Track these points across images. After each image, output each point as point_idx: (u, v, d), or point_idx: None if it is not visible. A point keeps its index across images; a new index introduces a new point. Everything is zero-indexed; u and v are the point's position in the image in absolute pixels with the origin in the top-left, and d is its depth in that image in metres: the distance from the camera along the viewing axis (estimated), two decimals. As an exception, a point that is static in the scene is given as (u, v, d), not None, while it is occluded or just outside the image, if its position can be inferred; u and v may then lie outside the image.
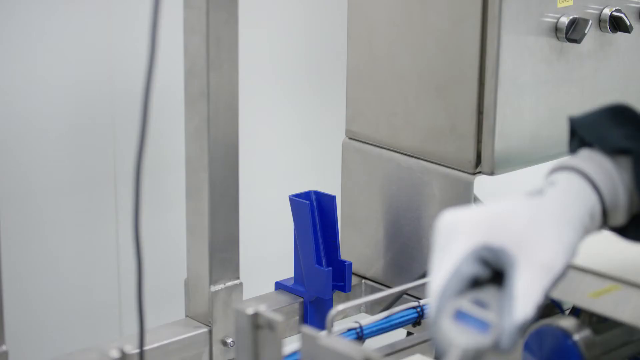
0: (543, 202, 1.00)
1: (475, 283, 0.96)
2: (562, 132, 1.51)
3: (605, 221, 1.05)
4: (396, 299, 1.46)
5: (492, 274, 0.97)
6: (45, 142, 1.73)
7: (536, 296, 0.94)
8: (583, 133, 1.07)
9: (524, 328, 0.93)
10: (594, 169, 1.04)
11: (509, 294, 0.94)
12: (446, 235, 0.98)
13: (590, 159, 1.04)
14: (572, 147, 1.09)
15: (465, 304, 0.94)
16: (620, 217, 1.05)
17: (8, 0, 1.65)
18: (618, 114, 1.08)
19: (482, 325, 0.93)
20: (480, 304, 0.94)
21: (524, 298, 0.94)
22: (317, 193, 1.50)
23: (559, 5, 1.45)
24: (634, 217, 1.06)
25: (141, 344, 1.04)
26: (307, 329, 0.94)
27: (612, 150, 1.04)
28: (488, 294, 0.95)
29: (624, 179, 1.04)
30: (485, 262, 0.96)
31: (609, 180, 1.04)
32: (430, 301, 0.94)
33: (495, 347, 0.93)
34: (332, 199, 1.49)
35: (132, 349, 0.95)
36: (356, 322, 1.31)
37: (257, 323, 0.95)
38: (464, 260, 0.96)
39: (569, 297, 1.12)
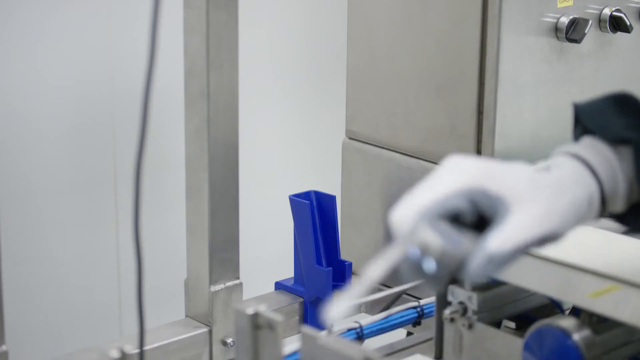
0: (545, 176, 1.01)
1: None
2: (562, 132, 1.51)
3: (604, 209, 1.05)
4: (395, 299, 1.46)
5: (472, 221, 0.98)
6: (45, 142, 1.73)
7: (517, 241, 0.96)
8: (586, 121, 1.08)
9: (494, 264, 0.94)
10: (595, 157, 1.04)
11: (491, 232, 0.96)
12: (446, 169, 1.00)
13: (591, 147, 1.05)
14: (576, 133, 1.09)
15: (444, 224, 0.95)
16: (619, 205, 1.06)
17: (8, 0, 1.65)
18: (622, 102, 1.08)
19: (457, 243, 0.95)
20: (458, 231, 0.96)
21: (505, 235, 0.96)
22: (317, 193, 1.50)
23: (559, 5, 1.45)
24: (633, 205, 1.06)
25: (141, 344, 1.04)
26: (307, 329, 0.94)
27: (614, 140, 1.05)
28: (465, 234, 0.96)
29: (624, 168, 1.05)
30: (473, 205, 0.98)
31: (609, 169, 1.04)
32: (406, 213, 0.95)
33: (464, 268, 0.95)
34: (332, 199, 1.49)
35: (132, 349, 0.95)
36: (356, 322, 1.31)
37: (257, 323, 0.95)
38: (456, 193, 0.97)
39: (569, 297, 1.12)
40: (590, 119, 1.07)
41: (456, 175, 1.00)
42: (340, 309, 0.94)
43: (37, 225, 1.75)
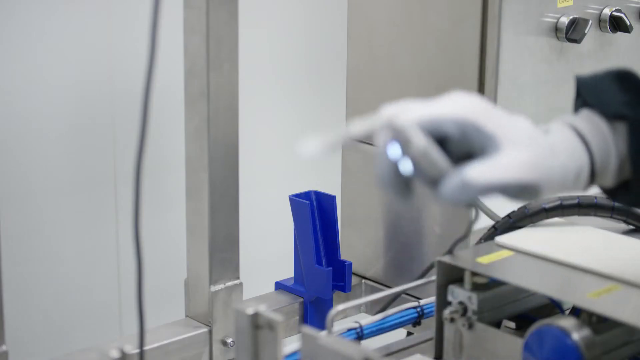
0: (542, 136, 1.03)
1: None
2: (562, 132, 1.51)
3: (592, 181, 1.06)
4: (393, 299, 1.46)
5: (456, 154, 1.00)
6: (45, 142, 1.73)
7: (496, 178, 0.98)
8: (585, 94, 1.08)
9: (466, 192, 0.97)
10: (590, 130, 1.05)
11: (474, 162, 0.98)
12: (450, 97, 1.01)
13: (588, 120, 1.05)
14: (576, 106, 1.10)
15: (430, 142, 0.96)
16: (609, 180, 1.06)
17: (8, 0, 1.65)
18: (623, 79, 1.08)
19: (439, 158, 0.97)
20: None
21: (487, 168, 0.97)
22: (317, 193, 1.50)
23: (559, 5, 1.45)
24: (624, 182, 1.07)
25: (141, 344, 1.04)
26: (307, 329, 0.94)
27: (610, 115, 1.05)
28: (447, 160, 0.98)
29: (618, 144, 1.05)
30: (464, 137, 0.99)
31: (603, 144, 1.05)
32: (400, 112, 0.99)
33: (436, 186, 0.97)
34: (332, 199, 1.49)
35: (132, 349, 0.95)
36: (356, 322, 1.31)
37: (257, 323, 0.95)
38: (453, 119, 0.99)
39: (569, 297, 1.12)
40: (590, 93, 1.07)
41: (458, 105, 1.00)
42: (311, 148, 0.97)
43: (37, 225, 1.75)
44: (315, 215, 1.49)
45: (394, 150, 0.97)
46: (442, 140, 1.00)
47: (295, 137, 2.11)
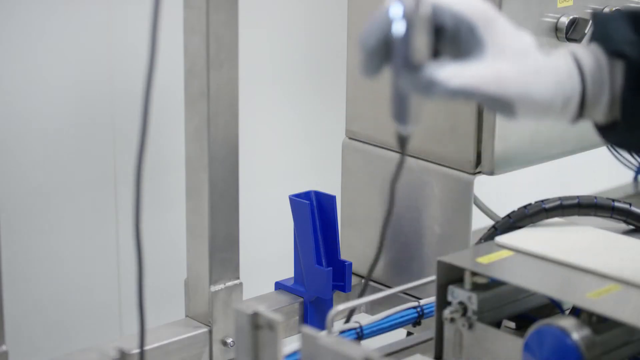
0: (538, 58, 1.02)
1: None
2: (562, 132, 1.51)
3: (582, 112, 1.05)
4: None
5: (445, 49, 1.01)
6: (45, 142, 1.73)
7: (466, 84, 0.98)
8: (596, 27, 1.07)
9: (434, 91, 0.97)
10: (589, 60, 1.04)
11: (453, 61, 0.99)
12: None
13: (590, 52, 1.05)
14: (590, 38, 1.09)
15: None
16: (599, 115, 1.06)
17: (8, 0, 1.65)
18: (635, 18, 1.07)
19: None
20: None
21: (460, 72, 0.98)
22: (317, 193, 1.50)
23: (559, 5, 1.45)
24: (613, 121, 1.06)
25: (141, 343, 1.04)
26: (307, 329, 0.94)
27: (611, 52, 1.05)
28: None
29: (614, 82, 1.04)
30: (456, 33, 0.99)
31: (598, 76, 1.04)
32: None
33: (412, 71, 0.98)
34: (332, 199, 1.49)
35: (132, 349, 0.95)
36: (356, 322, 1.31)
37: (257, 323, 0.95)
38: (451, 10, 0.99)
39: (569, 297, 1.12)
40: (599, 26, 1.07)
41: (468, 1, 1.00)
42: None
43: (37, 225, 1.75)
44: (315, 215, 1.49)
45: (396, 9, 0.97)
46: (438, 31, 0.99)
47: (295, 137, 2.11)
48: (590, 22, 1.13)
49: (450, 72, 0.98)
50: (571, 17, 1.45)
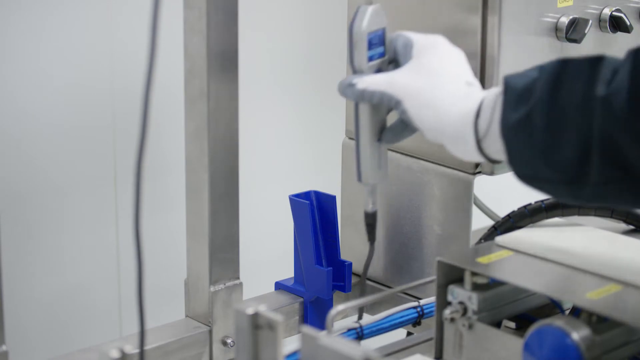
0: (461, 99, 1.18)
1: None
2: (562, 132, 1.51)
3: (480, 146, 1.17)
4: None
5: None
6: (46, 142, 1.73)
7: (368, 86, 1.22)
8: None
9: (348, 90, 1.24)
10: (491, 93, 1.17)
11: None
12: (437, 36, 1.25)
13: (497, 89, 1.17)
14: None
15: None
16: (494, 148, 1.16)
17: (8, 0, 1.65)
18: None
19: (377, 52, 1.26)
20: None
21: (372, 78, 1.22)
22: (317, 193, 1.50)
23: (559, 5, 1.45)
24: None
25: (141, 343, 1.04)
26: (307, 329, 0.94)
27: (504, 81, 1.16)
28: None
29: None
30: (394, 52, 1.26)
31: (492, 104, 1.15)
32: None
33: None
34: (332, 199, 1.49)
35: (132, 349, 0.95)
36: (356, 322, 1.31)
37: (257, 323, 0.95)
38: (406, 36, 1.25)
39: (569, 297, 1.12)
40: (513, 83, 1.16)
41: (425, 35, 1.24)
42: None
43: (37, 225, 1.75)
44: (315, 215, 1.49)
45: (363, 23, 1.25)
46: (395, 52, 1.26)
47: (295, 137, 2.12)
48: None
49: (364, 79, 1.23)
50: (571, 17, 1.45)
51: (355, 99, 1.25)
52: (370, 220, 1.33)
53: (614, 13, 1.50)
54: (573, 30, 1.45)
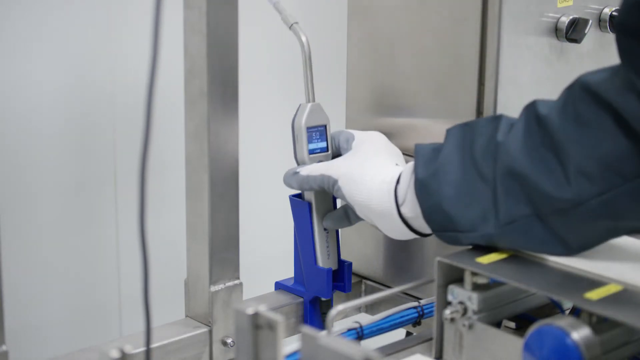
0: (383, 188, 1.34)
1: None
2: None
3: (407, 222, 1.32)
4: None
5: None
6: (46, 142, 1.73)
7: (309, 172, 1.41)
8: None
9: (292, 178, 1.43)
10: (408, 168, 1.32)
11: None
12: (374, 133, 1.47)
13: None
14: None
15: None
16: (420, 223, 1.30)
17: (8, 0, 1.65)
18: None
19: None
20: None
21: (314, 167, 1.42)
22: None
23: (559, 5, 1.45)
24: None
25: (148, 342, 1.04)
26: (307, 329, 0.94)
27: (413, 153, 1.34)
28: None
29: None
30: (337, 147, 1.46)
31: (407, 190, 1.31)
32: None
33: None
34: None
35: (132, 349, 0.95)
36: (356, 322, 1.31)
37: (257, 323, 0.95)
38: (348, 132, 1.47)
39: (569, 297, 1.12)
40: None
41: (367, 133, 1.45)
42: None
43: (37, 225, 1.75)
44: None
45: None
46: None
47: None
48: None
49: (306, 167, 1.42)
50: (571, 17, 1.45)
51: (298, 186, 1.41)
52: (325, 310, 1.49)
53: (614, 13, 1.50)
54: (573, 30, 1.45)
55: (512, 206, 1.18)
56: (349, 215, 1.42)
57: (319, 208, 1.45)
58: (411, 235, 1.33)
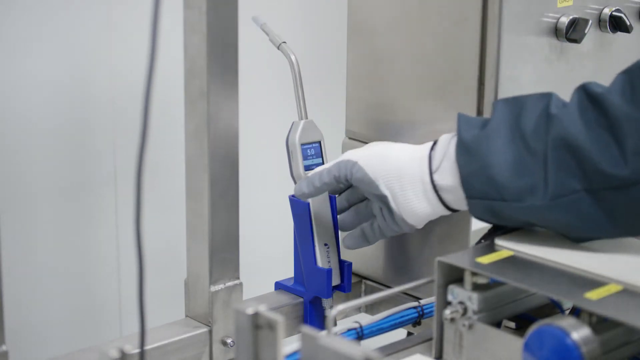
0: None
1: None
2: (562, 132, 1.50)
3: (440, 196, 1.31)
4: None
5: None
6: (46, 142, 1.73)
7: (316, 175, 1.40)
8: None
9: (304, 185, 1.41)
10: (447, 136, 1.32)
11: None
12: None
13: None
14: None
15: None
16: (455, 198, 1.30)
17: (8, 1, 1.65)
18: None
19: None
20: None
21: (318, 173, 1.41)
22: (317, 193, 1.50)
23: (559, 5, 1.45)
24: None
25: (142, 343, 1.04)
26: (307, 329, 0.94)
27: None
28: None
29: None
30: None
31: (445, 150, 1.31)
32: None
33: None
34: (332, 199, 1.49)
35: (132, 348, 0.95)
36: (356, 322, 1.31)
37: (257, 323, 0.95)
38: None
39: (569, 297, 1.12)
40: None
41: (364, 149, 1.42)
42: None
43: (37, 225, 1.75)
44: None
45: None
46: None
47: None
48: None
49: (314, 170, 1.42)
50: (571, 17, 1.45)
51: (310, 185, 1.40)
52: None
53: (614, 13, 1.50)
54: (573, 30, 1.45)
55: (563, 179, 1.16)
56: (366, 233, 1.43)
57: (318, 208, 1.45)
58: (437, 211, 1.31)
